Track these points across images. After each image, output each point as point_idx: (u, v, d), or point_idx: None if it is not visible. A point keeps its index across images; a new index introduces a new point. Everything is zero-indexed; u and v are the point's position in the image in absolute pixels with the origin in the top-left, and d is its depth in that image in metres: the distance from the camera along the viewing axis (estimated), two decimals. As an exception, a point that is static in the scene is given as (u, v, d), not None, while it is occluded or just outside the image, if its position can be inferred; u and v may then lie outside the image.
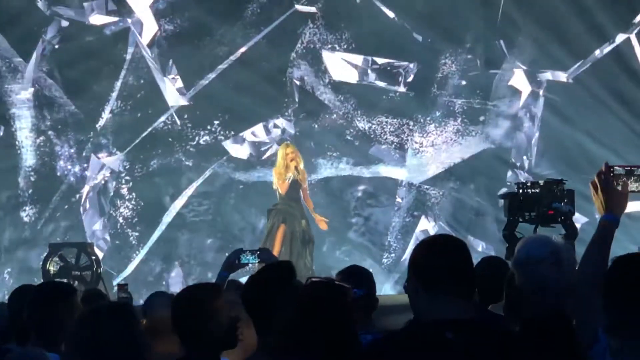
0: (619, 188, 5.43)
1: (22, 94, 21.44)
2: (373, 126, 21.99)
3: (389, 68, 22.03)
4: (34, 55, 21.50)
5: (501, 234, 20.50)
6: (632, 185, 5.46)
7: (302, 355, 4.91)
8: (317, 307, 5.07)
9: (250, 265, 8.74)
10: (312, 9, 21.90)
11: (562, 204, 7.03)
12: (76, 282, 15.55)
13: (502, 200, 8.65)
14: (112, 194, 21.63)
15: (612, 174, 5.49)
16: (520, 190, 7.78)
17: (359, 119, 22.03)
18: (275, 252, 17.50)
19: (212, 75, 21.71)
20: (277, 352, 5.04)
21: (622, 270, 4.09)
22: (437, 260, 4.85)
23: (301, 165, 18.32)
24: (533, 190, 7.48)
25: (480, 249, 20.37)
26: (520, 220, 7.29)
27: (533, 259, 5.67)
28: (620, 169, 5.51)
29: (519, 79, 21.77)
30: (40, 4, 21.40)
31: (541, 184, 7.65)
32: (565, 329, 5.09)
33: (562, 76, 21.64)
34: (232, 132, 21.67)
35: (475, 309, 4.96)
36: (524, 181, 8.48)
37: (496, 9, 21.47)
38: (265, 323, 5.40)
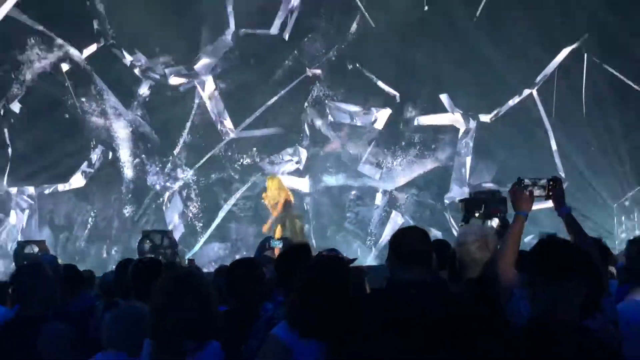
0: (527, 193, 5.45)
1: (124, 131, 21.46)
2: (360, 152, 21.95)
3: (370, 113, 22.00)
4: (133, 104, 21.52)
5: (447, 223, 20.69)
6: (536, 192, 5.52)
7: (311, 307, 4.89)
8: (322, 272, 5.07)
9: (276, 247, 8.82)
10: (318, 73, 21.91)
11: (500, 205, 7.01)
12: (160, 257, 15.49)
13: (460, 203, 8.60)
14: (184, 197, 21.60)
15: (522, 184, 5.51)
16: (473, 196, 7.73)
17: (351, 147, 21.99)
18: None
19: (251, 119, 21.70)
20: (293, 307, 5.03)
21: (545, 247, 4.11)
22: (408, 241, 4.87)
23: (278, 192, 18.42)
24: (481, 196, 7.44)
25: (431, 234, 20.21)
26: (473, 216, 7.26)
27: (468, 241, 5.66)
28: (528, 180, 5.56)
29: (457, 119, 21.69)
30: (136, 71, 21.44)
31: (486, 191, 7.62)
32: (489, 290, 5.10)
33: (487, 118, 21.57)
34: (265, 156, 21.66)
35: (430, 274, 4.96)
36: (475, 190, 8.41)
37: (443, 71, 21.45)
38: (290, 285, 5.38)
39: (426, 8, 21.07)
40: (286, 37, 21.79)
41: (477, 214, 7.13)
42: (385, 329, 4.53)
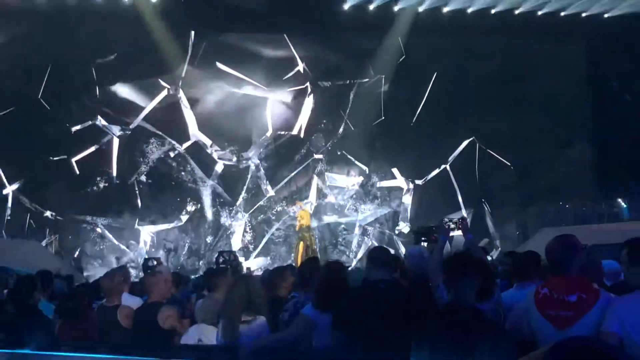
0: (446, 227, 5.45)
1: (206, 191, 21.44)
2: (345, 202, 21.93)
3: (350, 180, 22.04)
4: (212, 175, 21.56)
5: (396, 245, 20.58)
6: (452, 226, 5.51)
7: (324, 297, 4.87)
8: (333, 270, 5.06)
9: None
10: (320, 157, 21.99)
11: (435, 234, 6.95)
12: (229, 267, 15.34)
13: (412, 233, 8.45)
14: (243, 230, 21.48)
15: (444, 222, 5.53)
16: (420, 229, 7.58)
17: (340, 199, 21.96)
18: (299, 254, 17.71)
19: (282, 184, 21.72)
20: (316, 293, 5.01)
21: (456, 257, 4.13)
22: (378, 254, 4.84)
23: (304, 220, 18.76)
24: (425, 229, 7.31)
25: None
26: (420, 240, 7.15)
27: (412, 254, 5.65)
28: (447, 219, 5.55)
29: (402, 183, 21.70)
30: (214, 156, 21.48)
31: (427, 227, 7.47)
32: (425, 283, 5.08)
33: (420, 182, 21.56)
34: (291, 205, 21.61)
35: (391, 274, 4.94)
36: (421, 226, 8.13)
37: (395, 154, 21.59)
38: (309, 286, 5.37)
39: (383, 117, 21.26)
40: (302, 135, 21.90)
41: (422, 239, 7.05)
42: (365, 309, 4.51)
